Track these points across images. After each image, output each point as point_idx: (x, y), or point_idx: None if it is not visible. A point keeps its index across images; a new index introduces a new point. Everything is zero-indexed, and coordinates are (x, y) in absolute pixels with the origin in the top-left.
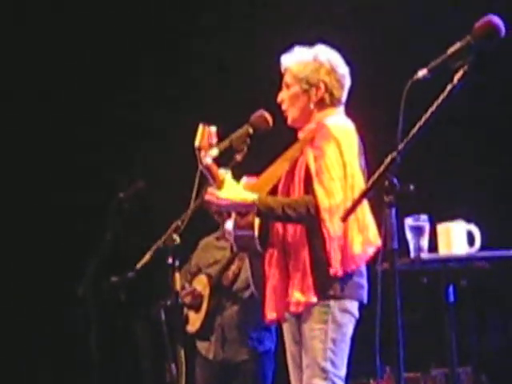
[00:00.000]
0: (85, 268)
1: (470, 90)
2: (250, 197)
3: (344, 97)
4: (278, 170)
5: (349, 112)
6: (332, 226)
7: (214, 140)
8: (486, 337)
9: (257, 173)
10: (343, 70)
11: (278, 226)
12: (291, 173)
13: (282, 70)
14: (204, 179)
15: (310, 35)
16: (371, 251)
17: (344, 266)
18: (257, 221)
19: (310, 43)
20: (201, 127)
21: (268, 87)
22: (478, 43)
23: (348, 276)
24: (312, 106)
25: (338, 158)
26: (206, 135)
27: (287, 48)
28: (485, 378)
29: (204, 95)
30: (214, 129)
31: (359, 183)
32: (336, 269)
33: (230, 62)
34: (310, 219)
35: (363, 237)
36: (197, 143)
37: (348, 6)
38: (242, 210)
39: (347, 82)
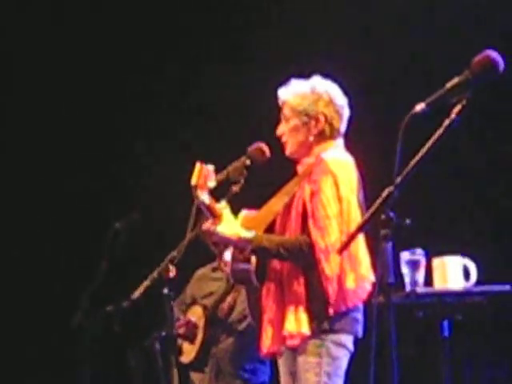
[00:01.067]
0: (79, 298)
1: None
2: (246, 235)
3: (343, 128)
4: (276, 204)
5: (348, 144)
6: (328, 266)
7: (212, 178)
8: (480, 372)
9: (257, 205)
10: (341, 100)
11: (276, 260)
12: (289, 207)
13: (280, 103)
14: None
15: (308, 67)
16: (366, 286)
17: (340, 304)
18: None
19: (307, 75)
20: (198, 165)
21: (266, 120)
22: (476, 78)
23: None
24: (312, 138)
25: (334, 194)
26: (202, 173)
27: (284, 81)
28: None
29: (202, 129)
30: (211, 167)
31: (356, 219)
32: (333, 307)
33: (228, 95)
34: (305, 259)
35: (356, 272)
36: (193, 181)
37: (346, 36)
38: (238, 246)
39: (346, 113)
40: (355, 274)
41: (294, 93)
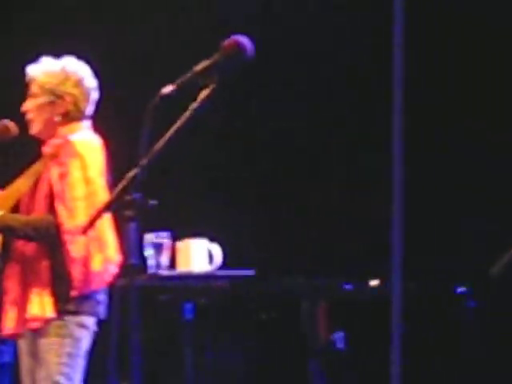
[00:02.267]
0: None
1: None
2: None
3: (91, 110)
4: (22, 184)
5: (96, 126)
6: (74, 248)
7: None
8: (219, 356)
9: (3, 184)
10: (91, 82)
11: (20, 241)
12: (34, 189)
13: (28, 79)
14: None
15: (60, 48)
16: (112, 269)
17: (85, 286)
18: None
19: (59, 55)
20: None
21: (17, 97)
22: (225, 62)
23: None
24: (57, 118)
25: (82, 176)
26: None
27: (35, 59)
28: None
29: None
30: None
31: (104, 201)
32: (77, 289)
33: None
34: (51, 239)
35: (103, 254)
36: None
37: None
38: None
39: (94, 95)
40: (102, 256)
41: (43, 70)
